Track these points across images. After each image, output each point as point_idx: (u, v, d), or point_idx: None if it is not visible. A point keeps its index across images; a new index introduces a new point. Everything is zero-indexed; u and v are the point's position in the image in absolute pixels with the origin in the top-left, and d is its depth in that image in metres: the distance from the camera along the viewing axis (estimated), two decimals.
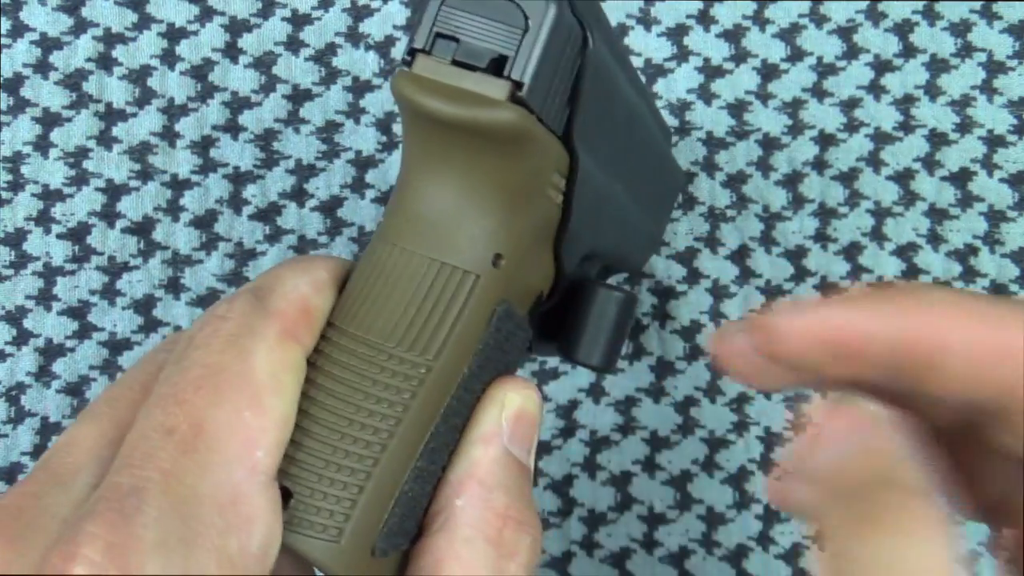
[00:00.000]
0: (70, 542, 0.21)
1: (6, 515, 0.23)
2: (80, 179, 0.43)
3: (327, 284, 0.26)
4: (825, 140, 0.44)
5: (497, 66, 0.24)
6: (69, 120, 0.43)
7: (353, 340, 0.26)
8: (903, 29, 0.44)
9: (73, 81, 0.44)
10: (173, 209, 0.43)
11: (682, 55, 0.45)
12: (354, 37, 0.44)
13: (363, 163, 0.44)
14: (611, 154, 0.30)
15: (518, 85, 0.24)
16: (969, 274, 0.44)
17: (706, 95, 0.45)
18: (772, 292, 0.44)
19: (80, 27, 0.44)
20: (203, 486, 0.23)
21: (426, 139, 0.26)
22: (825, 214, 0.44)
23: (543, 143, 0.26)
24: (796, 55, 0.45)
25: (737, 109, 0.44)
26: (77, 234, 0.43)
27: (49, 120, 0.43)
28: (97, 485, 0.23)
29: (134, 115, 0.44)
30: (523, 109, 0.24)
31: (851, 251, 0.44)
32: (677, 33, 0.45)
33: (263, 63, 0.44)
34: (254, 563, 0.23)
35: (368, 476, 0.25)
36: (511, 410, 0.27)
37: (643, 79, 0.42)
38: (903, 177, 0.44)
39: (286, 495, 0.24)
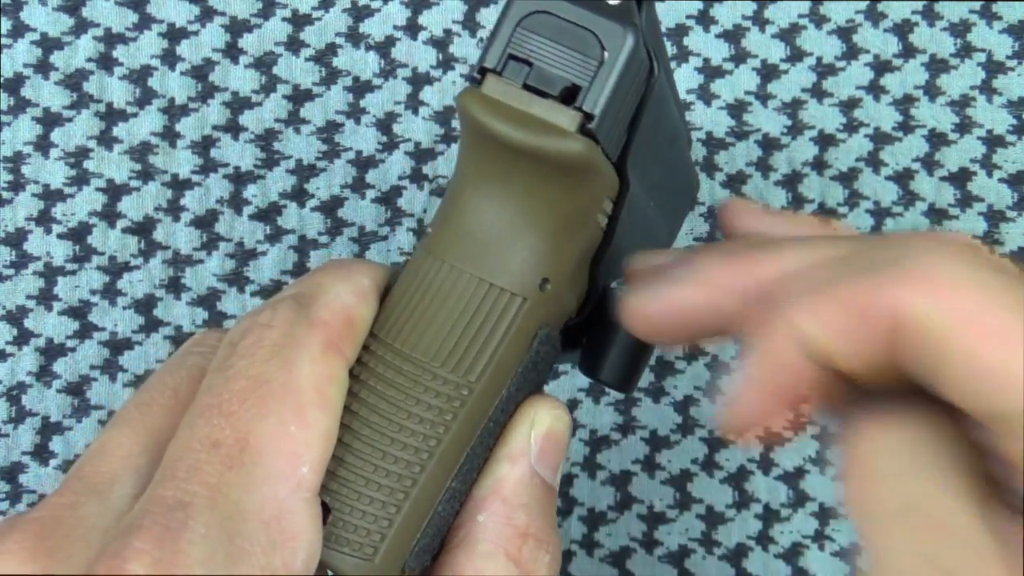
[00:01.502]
0: (117, 556, 0.21)
1: (43, 527, 0.23)
2: (81, 179, 0.43)
3: (369, 293, 0.26)
4: (825, 140, 0.44)
5: (568, 95, 0.24)
6: (70, 120, 0.43)
7: (398, 356, 0.25)
8: (903, 29, 0.45)
9: (74, 81, 0.44)
10: (174, 209, 0.44)
11: (682, 55, 0.45)
12: (354, 37, 0.44)
13: (363, 163, 0.44)
14: (653, 176, 0.30)
15: (588, 117, 0.24)
16: None
17: (706, 95, 0.45)
18: None
19: (81, 27, 0.44)
20: (248, 502, 0.22)
21: (487, 159, 0.25)
22: (825, 214, 0.44)
23: (603, 172, 0.26)
24: (796, 55, 0.45)
25: (737, 109, 0.45)
26: (78, 234, 0.43)
27: (50, 120, 0.43)
28: (135, 495, 0.23)
29: (135, 115, 0.44)
30: (590, 141, 0.24)
31: None
32: (677, 33, 0.45)
33: (263, 63, 0.44)
34: None
35: (406, 496, 0.25)
36: (541, 429, 0.26)
37: None
38: (903, 177, 0.44)
39: (325, 510, 0.24)
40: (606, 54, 0.24)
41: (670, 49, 0.44)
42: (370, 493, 0.25)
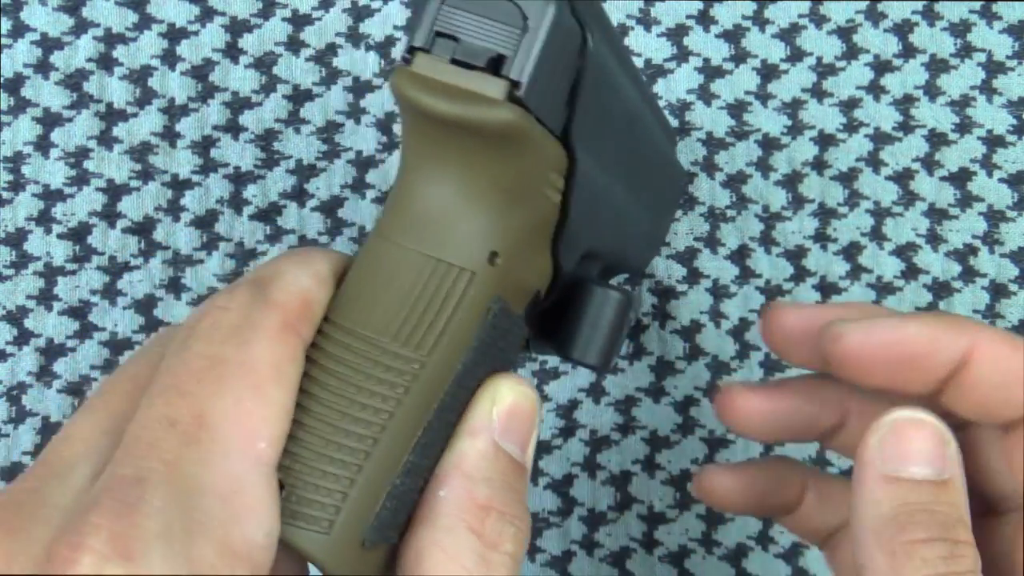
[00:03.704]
0: (75, 532, 0.21)
1: (6, 509, 0.23)
2: (81, 179, 0.43)
3: (327, 277, 0.26)
4: (825, 140, 0.44)
5: (496, 65, 0.25)
6: (70, 120, 0.43)
7: (348, 335, 0.26)
8: (903, 29, 0.45)
9: (74, 81, 0.44)
10: (174, 209, 0.44)
11: (682, 55, 0.45)
12: (354, 37, 0.44)
13: (364, 163, 0.44)
14: (612, 155, 0.31)
15: (516, 84, 0.24)
16: (968, 274, 0.44)
17: (706, 95, 0.45)
18: (772, 292, 0.44)
19: (81, 27, 0.44)
20: (206, 476, 0.23)
21: (424, 136, 0.26)
22: (825, 214, 0.44)
23: (540, 143, 0.26)
24: (796, 55, 0.45)
25: (737, 109, 0.44)
26: (78, 234, 0.43)
27: (50, 120, 0.43)
28: (97, 475, 0.23)
29: (135, 115, 0.44)
30: (521, 109, 0.25)
31: (851, 251, 0.44)
32: (677, 33, 0.45)
33: (263, 63, 0.44)
34: (259, 553, 0.23)
35: (359, 469, 0.25)
36: (503, 405, 0.27)
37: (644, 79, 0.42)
38: (903, 177, 0.44)
39: (281, 487, 0.25)
40: (529, 23, 0.24)
41: (669, 49, 0.45)
42: (323, 467, 0.25)
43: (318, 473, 0.25)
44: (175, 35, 0.44)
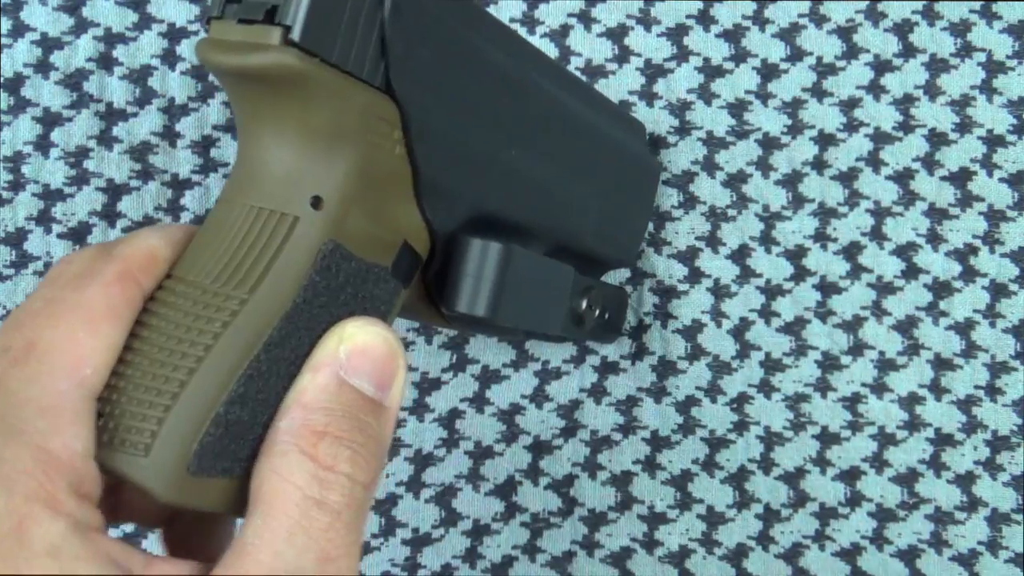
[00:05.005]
0: None
1: None
2: (81, 179, 0.43)
3: (180, 241, 0.28)
4: (825, 140, 0.44)
5: (272, 16, 0.27)
6: (70, 120, 0.43)
7: (179, 282, 0.28)
8: (903, 29, 0.45)
9: (74, 81, 0.44)
10: (174, 209, 0.44)
11: (682, 55, 0.45)
12: None
13: None
14: (486, 116, 0.33)
15: (288, 29, 0.26)
16: (969, 274, 0.44)
17: (706, 95, 0.45)
18: (772, 292, 0.44)
19: (81, 27, 0.44)
20: (27, 391, 0.25)
21: (238, 97, 0.29)
22: (825, 214, 0.44)
23: (336, 86, 0.28)
24: (796, 55, 0.45)
25: (737, 109, 0.45)
26: (78, 234, 0.43)
27: (50, 120, 0.43)
28: None
29: (135, 115, 0.44)
30: (300, 52, 0.27)
31: (851, 251, 0.44)
32: (677, 33, 0.45)
33: None
34: (80, 463, 0.25)
35: (175, 396, 0.26)
36: (350, 344, 0.28)
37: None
38: (903, 177, 0.44)
39: (98, 416, 0.26)
40: None
41: (669, 49, 0.45)
42: (141, 396, 0.26)
43: (135, 401, 0.26)
44: (175, 35, 0.44)
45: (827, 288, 0.44)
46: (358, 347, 0.28)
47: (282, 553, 0.25)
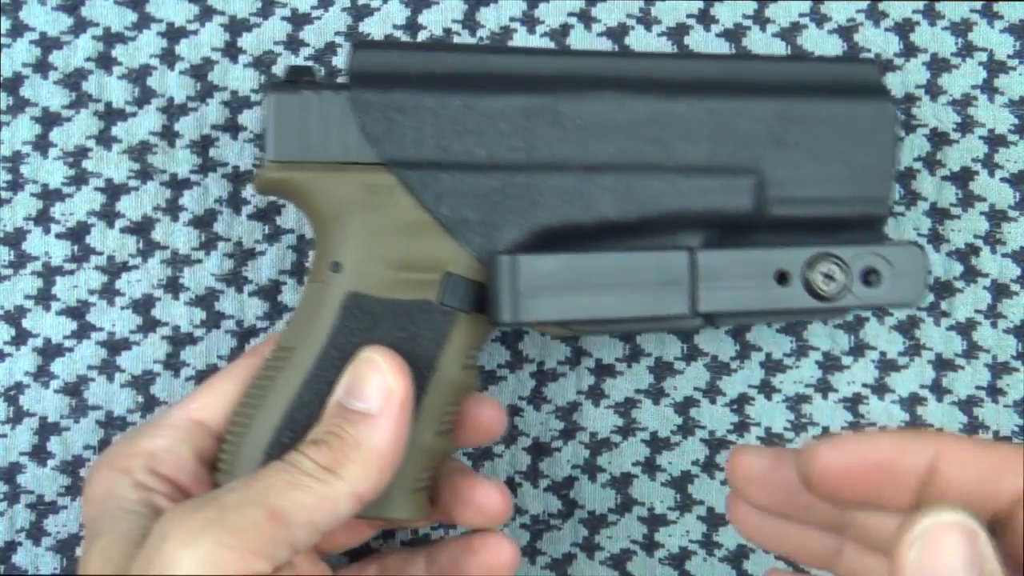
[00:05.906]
0: None
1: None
2: (79, 179, 0.43)
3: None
4: None
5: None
6: (68, 120, 0.43)
7: (276, 348, 0.37)
8: (904, 28, 0.44)
9: (73, 80, 0.44)
10: (172, 209, 0.43)
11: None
12: (354, 37, 0.44)
13: None
14: (493, 145, 0.37)
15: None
16: (970, 274, 0.44)
17: None
18: None
19: (80, 26, 0.44)
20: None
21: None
22: None
23: (327, 176, 0.36)
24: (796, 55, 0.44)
25: None
26: (76, 234, 0.43)
27: (49, 120, 0.43)
28: None
29: (133, 114, 0.44)
30: (280, 164, 0.36)
31: None
32: (677, 33, 0.45)
33: (263, 62, 0.44)
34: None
35: (248, 427, 0.36)
36: (344, 379, 0.36)
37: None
38: (903, 177, 0.44)
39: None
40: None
41: (670, 49, 0.44)
42: (230, 428, 0.37)
43: (229, 429, 0.37)
44: (174, 34, 0.44)
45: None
46: (350, 377, 0.35)
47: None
